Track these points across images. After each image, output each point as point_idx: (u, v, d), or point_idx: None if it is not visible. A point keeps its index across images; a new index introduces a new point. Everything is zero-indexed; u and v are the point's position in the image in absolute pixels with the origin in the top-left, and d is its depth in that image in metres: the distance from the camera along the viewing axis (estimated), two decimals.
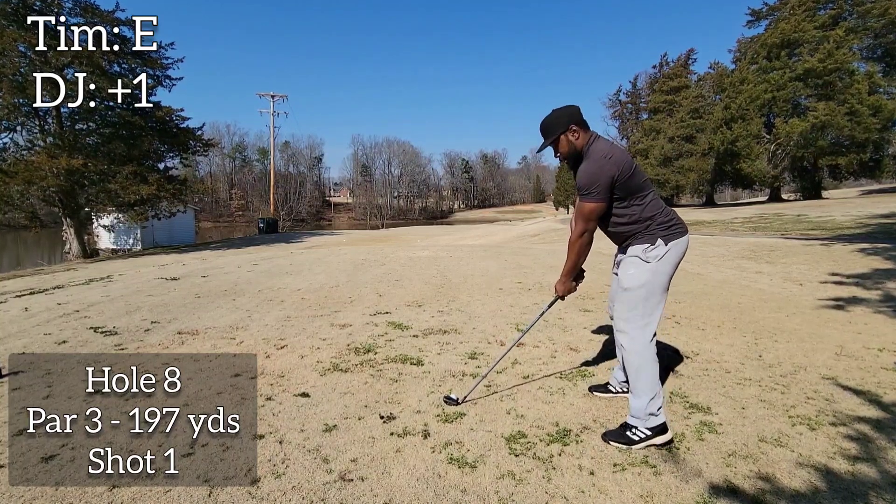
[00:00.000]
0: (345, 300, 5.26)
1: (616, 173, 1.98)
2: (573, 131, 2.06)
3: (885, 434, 2.01)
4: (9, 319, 4.79)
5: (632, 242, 2.12)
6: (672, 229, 2.08)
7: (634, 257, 2.09)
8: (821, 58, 24.58)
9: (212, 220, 67.21)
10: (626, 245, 2.16)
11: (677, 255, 2.09)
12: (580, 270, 2.23)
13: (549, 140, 2.11)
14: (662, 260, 2.04)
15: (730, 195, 63.01)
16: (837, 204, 20.46)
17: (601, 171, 1.97)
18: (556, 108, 2.13)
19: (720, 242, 9.85)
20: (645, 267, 2.05)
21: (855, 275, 5.62)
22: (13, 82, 14.78)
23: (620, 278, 2.14)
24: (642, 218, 2.07)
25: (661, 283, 2.07)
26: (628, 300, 2.08)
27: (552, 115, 2.11)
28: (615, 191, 2.02)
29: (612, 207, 2.08)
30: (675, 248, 2.07)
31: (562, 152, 2.13)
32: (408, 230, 30.76)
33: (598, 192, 1.98)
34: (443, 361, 3.09)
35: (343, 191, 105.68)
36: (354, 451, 1.97)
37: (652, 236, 2.06)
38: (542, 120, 2.14)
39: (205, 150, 21.56)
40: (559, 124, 2.08)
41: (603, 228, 2.18)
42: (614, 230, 2.16)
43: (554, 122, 2.09)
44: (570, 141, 2.08)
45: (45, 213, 21.71)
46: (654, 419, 1.98)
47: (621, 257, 2.20)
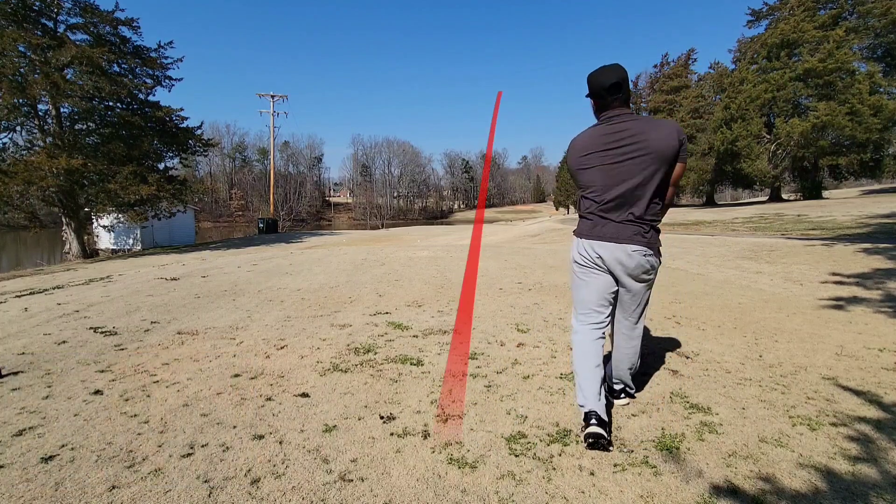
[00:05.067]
0: (345, 300, 5.26)
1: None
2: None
3: (886, 434, 2.01)
4: (8, 319, 4.79)
5: (652, 240, 2.04)
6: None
7: (653, 258, 2.07)
8: (821, 58, 24.58)
9: (212, 220, 67.25)
10: (640, 240, 2.02)
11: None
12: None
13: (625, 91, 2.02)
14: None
15: (730, 195, 63.09)
16: (838, 204, 20.46)
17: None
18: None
19: (720, 242, 9.84)
20: (658, 268, 2.16)
21: (855, 275, 5.62)
22: (13, 82, 14.78)
23: (647, 281, 2.12)
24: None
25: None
26: (649, 299, 2.25)
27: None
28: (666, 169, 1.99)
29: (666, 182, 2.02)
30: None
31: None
32: (408, 230, 30.75)
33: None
34: (443, 361, 3.09)
35: (343, 191, 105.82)
36: (354, 452, 1.97)
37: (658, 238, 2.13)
38: (618, 69, 2.01)
39: (204, 149, 21.59)
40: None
41: (633, 208, 2.00)
42: (650, 215, 2.03)
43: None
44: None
45: (45, 214, 21.75)
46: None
47: (628, 259, 2.03)
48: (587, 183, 2.08)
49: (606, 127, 2.03)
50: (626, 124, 1.98)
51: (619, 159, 1.98)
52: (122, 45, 17.82)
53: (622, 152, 1.97)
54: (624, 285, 2.14)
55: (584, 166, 2.08)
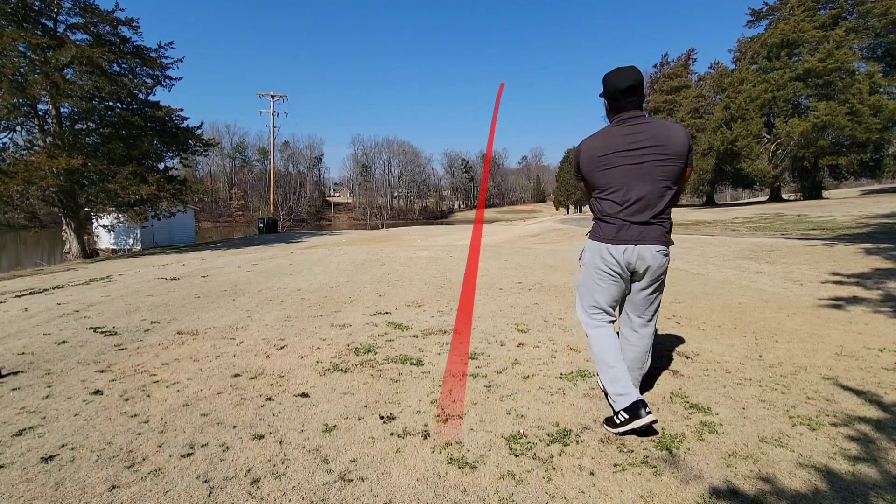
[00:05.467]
0: (345, 300, 5.26)
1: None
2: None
3: (886, 434, 2.01)
4: (8, 319, 4.79)
5: (669, 239, 2.09)
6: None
7: (668, 256, 2.12)
8: (821, 58, 24.57)
9: (212, 220, 67.27)
10: (664, 240, 2.07)
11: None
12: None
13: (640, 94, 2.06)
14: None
15: (730, 195, 63.09)
16: (838, 204, 20.46)
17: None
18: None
19: (720, 242, 9.84)
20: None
21: (855, 275, 5.62)
22: (13, 82, 14.78)
23: (663, 279, 2.15)
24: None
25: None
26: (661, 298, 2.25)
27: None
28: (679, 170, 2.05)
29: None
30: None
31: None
32: (408, 230, 30.75)
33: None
34: (443, 361, 3.09)
35: (343, 191, 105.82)
36: (354, 452, 1.97)
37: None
38: (634, 73, 2.04)
39: (204, 149, 21.58)
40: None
41: (654, 209, 2.03)
42: (667, 215, 2.08)
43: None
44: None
45: (45, 213, 21.73)
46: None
47: (653, 260, 2.05)
48: (607, 184, 2.06)
49: (623, 128, 2.04)
50: (642, 126, 2.02)
51: (641, 160, 1.99)
52: (122, 45, 17.82)
53: (643, 153, 1.99)
54: (643, 286, 2.13)
55: (604, 167, 2.05)
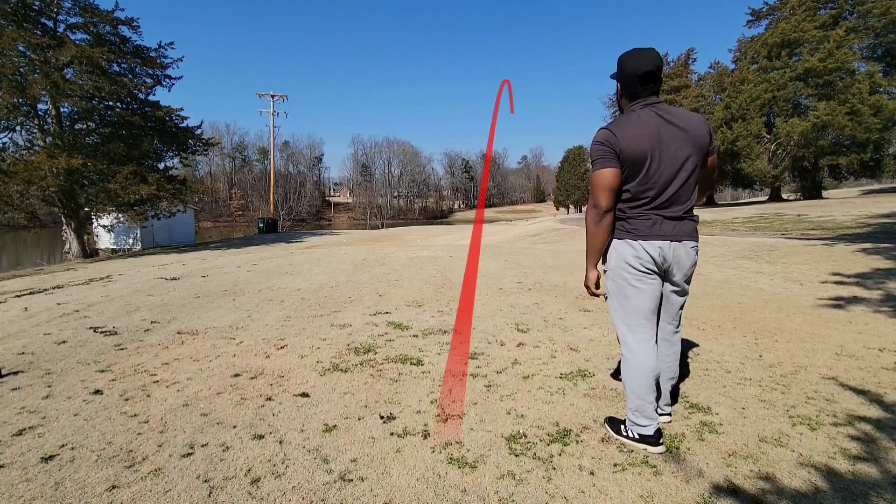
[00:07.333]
0: (345, 300, 5.26)
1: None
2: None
3: (886, 434, 2.01)
4: (8, 319, 4.79)
5: (695, 233, 1.96)
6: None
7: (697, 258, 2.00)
8: (821, 57, 24.57)
9: (211, 220, 67.25)
10: (695, 235, 1.95)
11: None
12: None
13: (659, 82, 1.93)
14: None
15: (730, 195, 63.06)
16: (838, 203, 20.45)
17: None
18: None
19: (720, 242, 9.84)
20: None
21: (855, 274, 5.62)
22: (13, 82, 14.77)
23: (686, 285, 2.03)
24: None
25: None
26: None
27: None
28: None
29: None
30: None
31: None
32: (408, 230, 30.73)
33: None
34: (443, 361, 3.09)
35: (343, 191, 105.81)
36: (354, 451, 1.97)
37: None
38: (655, 57, 1.88)
39: (204, 149, 21.56)
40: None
41: (686, 203, 1.91)
42: (694, 209, 1.95)
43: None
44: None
45: (45, 213, 21.72)
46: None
47: (686, 256, 1.94)
48: (647, 176, 1.84)
49: (654, 117, 1.86)
50: (673, 114, 1.86)
51: (673, 152, 1.84)
52: (122, 45, 17.80)
53: (675, 145, 1.84)
54: (676, 285, 1.99)
55: (647, 157, 1.82)
